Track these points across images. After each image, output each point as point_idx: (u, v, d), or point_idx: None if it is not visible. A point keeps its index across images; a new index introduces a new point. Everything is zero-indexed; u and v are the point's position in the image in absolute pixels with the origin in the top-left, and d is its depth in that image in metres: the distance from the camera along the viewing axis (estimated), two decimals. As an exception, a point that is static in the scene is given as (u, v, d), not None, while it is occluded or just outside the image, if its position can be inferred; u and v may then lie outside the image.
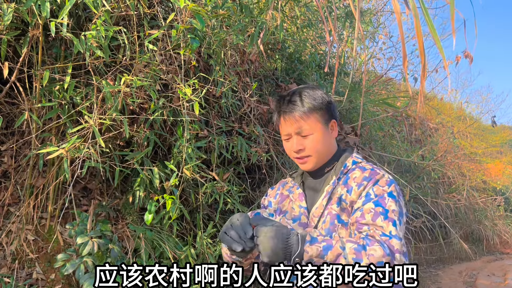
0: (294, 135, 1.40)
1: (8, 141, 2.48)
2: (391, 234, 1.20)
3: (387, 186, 1.30)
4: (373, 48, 6.94)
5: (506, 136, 14.71)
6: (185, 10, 2.11)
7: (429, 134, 7.42)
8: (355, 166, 1.39)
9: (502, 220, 9.09)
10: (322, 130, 1.39)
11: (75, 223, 2.22)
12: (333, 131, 1.44)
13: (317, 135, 1.38)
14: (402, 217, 1.28)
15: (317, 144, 1.38)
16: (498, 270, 6.72)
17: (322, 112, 1.39)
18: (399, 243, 1.20)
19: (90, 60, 2.13)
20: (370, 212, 1.25)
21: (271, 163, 3.31)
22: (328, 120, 1.41)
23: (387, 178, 1.33)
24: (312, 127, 1.37)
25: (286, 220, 1.44)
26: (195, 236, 2.72)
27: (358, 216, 1.28)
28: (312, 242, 1.17)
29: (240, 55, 2.99)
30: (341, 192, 1.35)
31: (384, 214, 1.24)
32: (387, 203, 1.26)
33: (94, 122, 2.01)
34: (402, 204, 1.32)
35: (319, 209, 1.37)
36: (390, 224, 1.22)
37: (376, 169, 1.37)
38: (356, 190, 1.32)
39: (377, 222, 1.23)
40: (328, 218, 1.33)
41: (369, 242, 1.18)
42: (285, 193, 1.54)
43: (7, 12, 1.87)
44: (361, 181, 1.33)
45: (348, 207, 1.32)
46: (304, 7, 3.79)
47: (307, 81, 3.79)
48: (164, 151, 2.72)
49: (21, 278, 2.22)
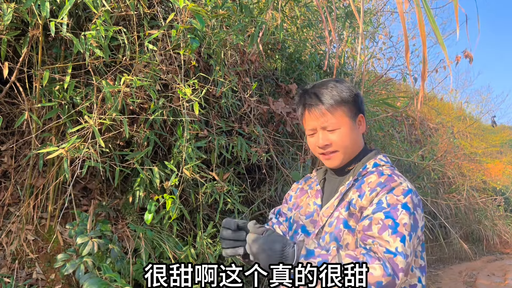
0: (320, 129, 1.32)
1: (8, 141, 2.48)
2: (397, 251, 1.12)
3: (402, 196, 1.20)
4: (373, 48, 6.94)
5: (506, 136, 14.72)
6: (185, 10, 2.11)
7: (429, 134, 7.42)
8: (374, 169, 1.31)
9: (502, 220, 9.09)
10: (349, 124, 1.31)
11: (75, 223, 2.22)
12: (360, 126, 1.35)
13: (344, 130, 1.30)
14: (415, 231, 1.17)
15: (344, 139, 1.30)
16: (498, 270, 6.73)
17: (349, 105, 1.31)
18: (404, 261, 1.11)
19: (90, 60, 2.13)
20: (378, 223, 1.16)
21: (271, 163, 3.31)
22: (355, 114, 1.33)
23: (404, 187, 1.22)
24: (339, 121, 1.29)
25: (300, 216, 1.40)
26: (195, 236, 2.72)
27: (365, 225, 1.19)
28: (307, 257, 1.12)
29: (240, 55, 2.99)
30: (352, 197, 1.27)
31: (393, 228, 1.14)
32: (399, 215, 1.16)
33: (94, 122, 2.01)
34: (419, 218, 1.21)
35: (330, 209, 1.31)
36: (398, 239, 1.13)
37: (395, 175, 1.26)
38: (368, 196, 1.23)
39: (384, 236, 1.14)
40: (335, 222, 1.27)
41: (369, 259, 1.11)
42: (305, 188, 1.49)
43: (7, 12, 1.87)
44: (375, 186, 1.24)
45: (357, 212, 1.24)
46: (304, 7, 3.79)
47: (307, 81, 3.79)
48: (164, 151, 2.72)
49: (21, 278, 2.22)
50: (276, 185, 3.38)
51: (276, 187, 3.37)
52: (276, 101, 3.22)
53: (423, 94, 1.38)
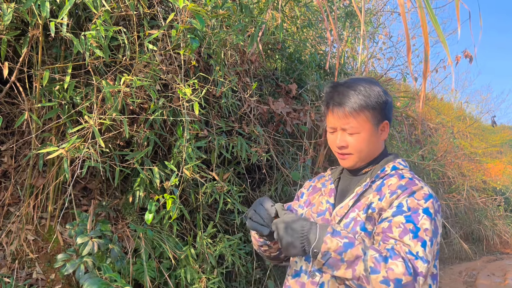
0: (340, 130, 1.31)
1: (8, 141, 2.48)
2: (418, 255, 1.10)
3: (423, 201, 1.18)
4: (373, 48, 6.94)
5: (506, 136, 14.72)
6: (185, 10, 2.11)
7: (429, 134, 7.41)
8: (394, 172, 1.29)
9: (502, 220, 9.09)
10: (370, 130, 1.29)
11: (75, 223, 2.22)
12: (383, 133, 1.33)
13: (363, 135, 1.28)
14: (435, 237, 1.16)
15: (361, 144, 1.29)
16: (498, 270, 6.72)
17: (375, 112, 1.28)
18: (425, 266, 1.09)
19: (90, 60, 2.13)
20: (400, 227, 1.15)
21: (271, 163, 3.31)
22: (380, 120, 1.30)
23: (425, 191, 1.20)
24: (361, 125, 1.27)
25: (312, 213, 1.39)
26: (195, 236, 2.72)
27: (385, 227, 1.17)
28: (333, 234, 1.12)
29: (240, 55, 2.99)
30: (372, 200, 1.25)
31: (414, 233, 1.13)
32: (420, 220, 1.15)
33: (94, 122, 2.01)
34: (439, 224, 1.19)
35: (344, 209, 1.29)
36: (419, 244, 1.12)
37: (416, 179, 1.25)
38: (388, 198, 1.21)
39: (405, 239, 1.13)
40: (352, 224, 1.24)
41: (393, 255, 1.09)
42: (318, 186, 1.47)
43: (7, 12, 1.87)
44: (396, 189, 1.22)
45: (375, 214, 1.22)
46: (304, 7, 3.79)
47: (307, 81, 3.79)
48: (164, 151, 2.72)
49: (21, 278, 2.22)
50: (276, 185, 3.38)
51: (276, 187, 3.37)
52: (276, 101, 3.22)
53: (425, 93, 1.37)
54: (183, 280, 2.46)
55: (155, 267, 2.42)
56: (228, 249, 2.70)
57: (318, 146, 3.45)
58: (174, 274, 2.51)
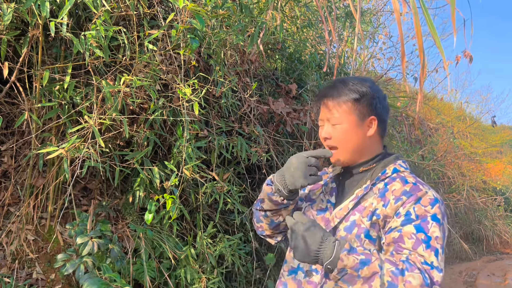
0: (326, 121, 1.32)
1: (8, 141, 2.48)
2: (433, 264, 1.11)
3: (430, 206, 1.17)
4: (373, 48, 6.95)
5: (506, 136, 14.71)
6: (185, 10, 2.11)
7: (429, 134, 7.41)
8: (396, 175, 1.27)
9: (502, 220, 9.09)
10: (354, 123, 1.28)
11: (75, 223, 2.22)
12: (370, 128, 1.30)
13: (345, 127, 1.28)
14: (444, 241, 1.17)
15: (343, 135, 1.28)
16: (498, 270, 6.72)
17: (361, 105, 1.28)
18: (440, 275, 1.11)
19: (90, 60, 2.13)
20: (412, 238, 1.14)
21: (271, 163, 3.31)
22: (365, 115, 1.29)
23: (431, 196, 1.19)
24: (343, 116, 1.28)
25: (311, 210, 1.38)
26: (195, 236, 2.72)
27: (396, 237, 1.16)
28: (350, 252, 1.10)
29: (240, 55, 2.99)
30: (376, 206, 1.23)
31: (426, 243, 1.13)
32: (430, 228, 1.14)
33: (94, 122, 2.01)
34: (446, 227, 1.20)
35: (343, 211, 1.28)
36: (432, 254, 1.12)
37: (419, 183, 1.23)
38: (393, 205, 1.20)
39: (419, 250, 1.13)
40: (355, 230, 1.23)
41: (409, 267, 1.09)
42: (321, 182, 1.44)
43: (7, 12, 1.87)
44: (400, 195, 1.20)
45: (380, 221, 1.21)
46: (304, 7, 3.79)
47: (307, 81, 3.79)
48: (164, 151, 2.72)
49: (21, 278, 2.22)
50: (276, 185, 3.37)
51: (276, 187, 3.36)
52: (276, 101, 3.22)
53: (421, 98, 1.38)
54: (183, 280, 2.46)
55: (155, 267, 2.42)
56: (228, 249, 2.70)
57: (318, 146, 3.45)
58: (174, 274, 2.51)
